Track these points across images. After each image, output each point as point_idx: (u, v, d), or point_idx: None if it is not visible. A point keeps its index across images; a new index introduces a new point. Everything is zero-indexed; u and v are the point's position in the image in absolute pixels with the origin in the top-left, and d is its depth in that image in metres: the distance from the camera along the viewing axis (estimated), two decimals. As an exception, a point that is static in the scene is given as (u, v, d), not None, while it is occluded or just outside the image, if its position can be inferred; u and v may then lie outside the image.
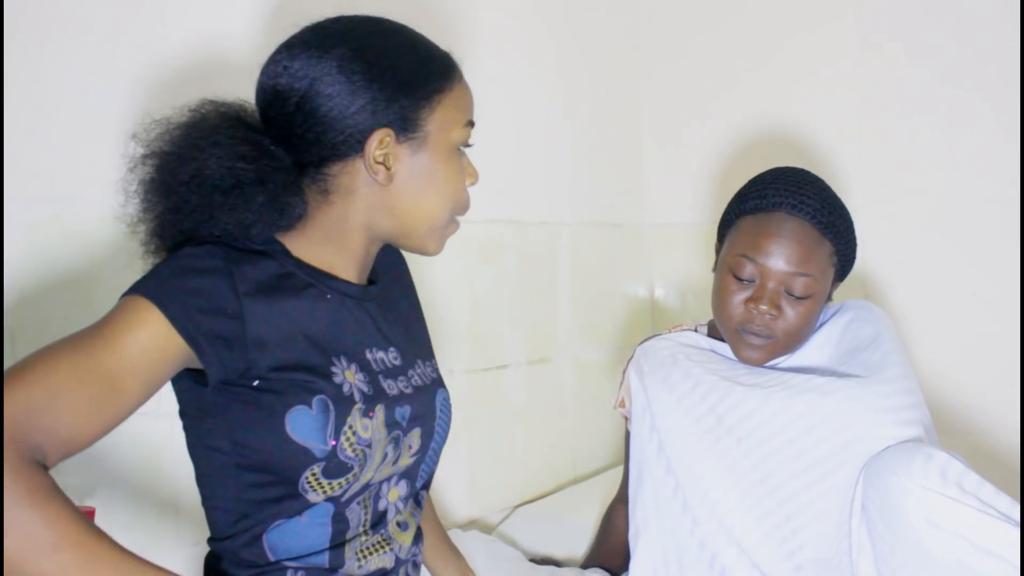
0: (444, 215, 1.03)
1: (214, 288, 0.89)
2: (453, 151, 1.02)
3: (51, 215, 1.24)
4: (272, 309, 0.93)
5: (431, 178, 1.00)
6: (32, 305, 1.21)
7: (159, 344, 0.86)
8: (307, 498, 0.94)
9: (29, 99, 1.22)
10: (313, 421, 0.93)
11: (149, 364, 0.85)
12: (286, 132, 0.96)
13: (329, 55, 0.94)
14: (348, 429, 0.94)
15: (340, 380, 0.96)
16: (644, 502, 1.41)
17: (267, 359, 0.91)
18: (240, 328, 0.90)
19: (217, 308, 0.89)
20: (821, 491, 1.27)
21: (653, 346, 1.49)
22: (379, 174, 0.97)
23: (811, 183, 1.35)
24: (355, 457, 0.95)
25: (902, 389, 1.30)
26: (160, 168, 0.94)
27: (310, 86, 0.94)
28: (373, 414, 0.97)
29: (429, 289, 1.76)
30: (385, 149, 0.96)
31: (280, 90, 0.95)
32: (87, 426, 0.83)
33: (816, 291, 1.32)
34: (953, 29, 1.91)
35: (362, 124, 0.95)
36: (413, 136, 0.98)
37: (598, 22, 2.27)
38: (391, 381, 1.03)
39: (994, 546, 1.10)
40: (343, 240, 1.01)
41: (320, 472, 0.93)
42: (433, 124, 0.99)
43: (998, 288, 1.86)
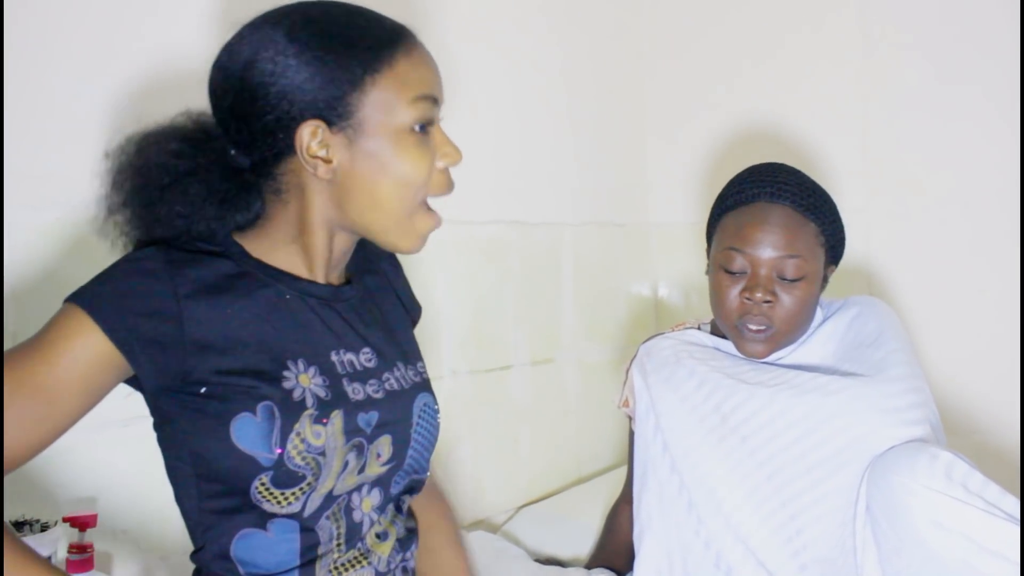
0: (404, 204, 0.93)
1: (149, 291, 0.87)
2: (404, 132, 0.92)
3: (53, 219, 1.24)
4: (216, 311, 0.90)
5: (378, 166, 0.91)
6: (34, 309, 1.22)
7: (94, 353, 0.85)
8: (263, 508, 0.90)
9: (30, 103, 1.22)
10: (257, 429, 0.88)
11: (85, 375, 0.85)
12: (228, 132, 0.93)
13: (257, 47, 0.90)
14: (296, 436, 0.89)
15: (291, 385, 0.92)
16: (648, 501, 1.41)
17: (209, 363, 0.88)
18: (178, 331, 0.87)
19: (152, 311, 0.86)
20: (825, 490, 1.26)
21: (656, 345, 1.49)
22: (318, 168, 0.91)
23: (786, 171, 1.37)
24: (305, 466, 0.90)
25: (907, 388, 1.30)
26: (115, 182, 0.94)
27: (239, 83, 0.90)
28: (327, 420, 0.92)
29: (432, 290, 1.76)
30: (321, 141, 0.90)
31: (216, 89, 0.93)
32: (23, 441, 0.83)
33: (808, 272, 1.32)
34: (955, 26, 1.91)
35: (286, 119, 0.89)
36: (347, 124, 0.90)
37: (600, 22, 2.26)
38: (357, 384, 0.97)
39: (999, 547, 1.10)
40: (304, 239, 0.96)
41: (269, 481, 0.89)
42: (369, 107, 0.90)
43: (1002, 286, 1.85)
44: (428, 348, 1.77)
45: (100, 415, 1.27)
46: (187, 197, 0.92)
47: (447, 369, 1.80)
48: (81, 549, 1.16)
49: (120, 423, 1.30)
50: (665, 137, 2.37)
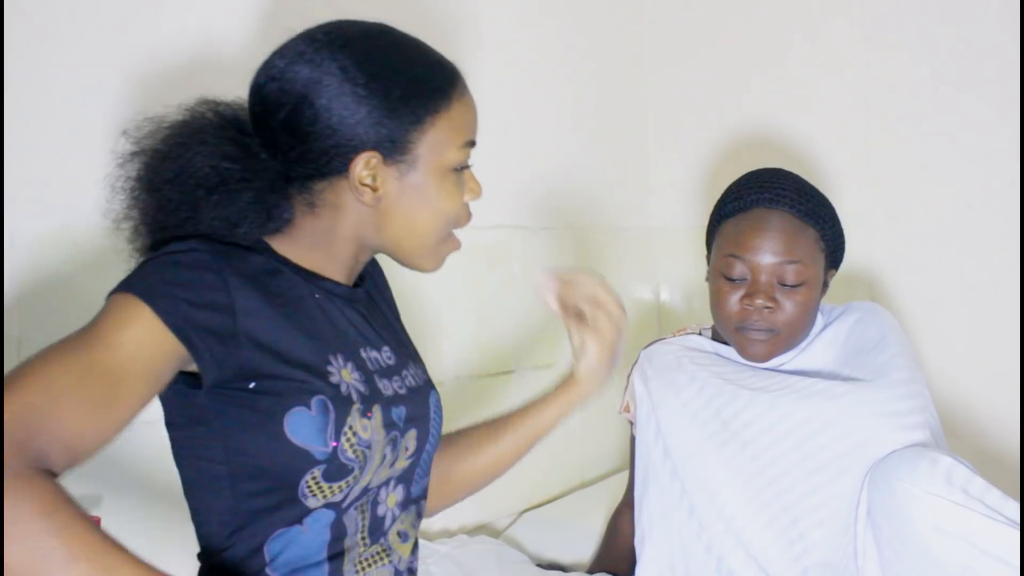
0: (437, 235, 1.00)
1: (202, 281, 0.86)
2: (448, 172, 0.97)
3: (56, 225, 1.24)
4: (263, 304, 0.90)
5: (422, 200, 0.96)
6: (38, 315, 1.22)
7: (153, 340, 0.82)
8: (306, 504, 0.91)
9: (32, 109, 1.22)
10: (313, 422, 0.89)
11: (147, 360, 0.82)
12: (273, 142, 0.93)
13: (320, 70, 0.91)
14: (348, 430, 0.91)
15: (337, 380, 0.93)
16: (650, 506, 1.41)
17: (261, 356, 0.89)
18: (232, 323, 0.87)
19: (207, 302, 0.86)
20: (827, 495, 1.26)
21: (657, 350, 1.49)
22: (365, 195, 0.94)
23: (784, 177, 1.37)
24: (355, 459, 0.92)
25: (908, 393, 1.30)
26: (147, 166, 0.92)
27: (299, 101, 0.91)
28: (371, 414, 0.95)
29: (435, 295, 1.77)
30: (372, 171, 0.93)
31: (268, 100, 0.93)
32: (92, 428, 0.78)
33: (808, 277, 1.33)
34: (956, 32, 1.91)
35: (346, 147, 0.92)
36: (401, 158, 0.94)
37: (603, 27, 2.27)
38: (386, 381, 1.00)
39: (1000, 551, 1.10)
40: (330, 248, 0.98)
41: (320, 475, 0.90)
42: (424, 147, 0.95)
43: (1002, 290, 1.86)
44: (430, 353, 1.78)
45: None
46: (236, 204, 0.91)
47: (449, 374, 1.80)
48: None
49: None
50: (667, 142, 2.37)
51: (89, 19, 1.28)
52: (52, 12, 1.24)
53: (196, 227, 0.91)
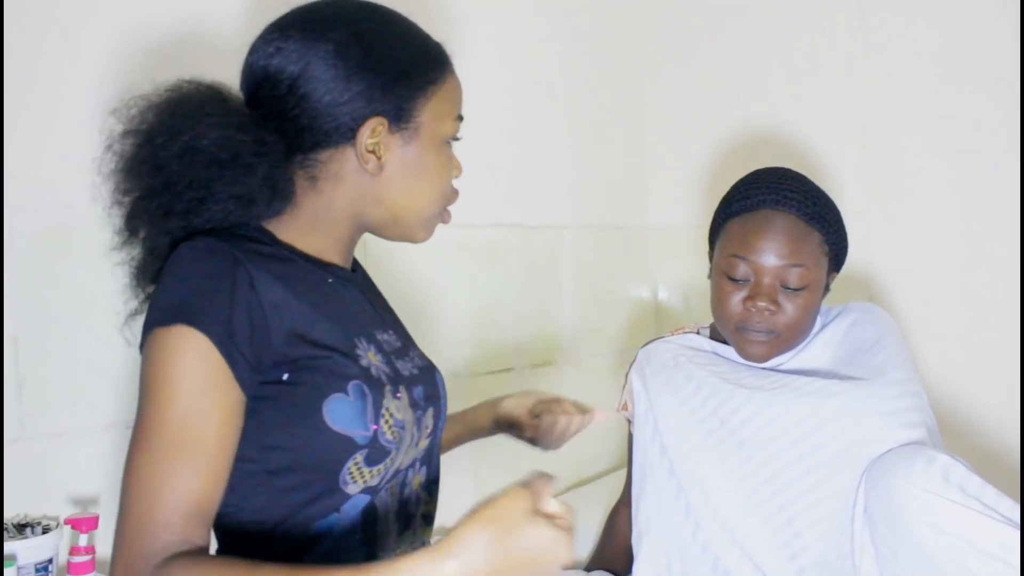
0: (434, 206, 1.01)
1: (233, 287, 0.86)
2: (443, 143, 1.01)
3: (54, 223, 1.24)
4: (288, 293, 0.90)
5: (422, 169, 0.98)
6: (36, 312, 1.22)
7: (215, 377, 0.84)
8: (346, 491, 0.91)
9: (28, 106, 1.22)
10: (352, 407, 0.90)
11: (218, 403, 0.84)
12: (276, 115, 0.92)
13: (325, 39, 0.92)
14: (386, 411, 0.93)
15: (366, 363, 0.94)
16: (647, 505, 1.41)
17: (294, 346, 0.88)
18: (264, 320, 0.86)
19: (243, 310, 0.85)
20: (823, 494, 1.27)
21: (655, 349, 1.49)
22: (369, 163, 0.95)
23: (792, 178, 1.36)
24: (393, 440, 0.93)
25: (905, 392, 1.30)
26: (146, 144, 0.90)
27: (304, 69, 0.91)
28: (400, 394, 0.96)
29: (433, 293, 1.77)
30: (376, 138, 0.94)
31: (272, 72, 0.92)
32: (201, 487, 0.82)
33: (811, 281, 1.33)
34: (954, 32, 1.91)
35: (356, 112, 0.93)
36: (406, 126, 0.96)
37: (600, 25, 2.27)
38: (402, 362, 1.01)
39: (997, 549, 1.10)
40: (330, 227, 0.98)
41: (363, 460, 0.91)
42: (426, 115, 0.97)
43: (1000, 290, 1.86)
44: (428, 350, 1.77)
45: (103, 417, 1.28)
46: (250, 179, 0.90)
47: (447, 371, 1.80)
48: (82, 551, 1.16)
49: (124, 425, 1.31)
50: (665, 140, 2.37)
51: (88, 18, 1.28)
52: (51, 11, 1.24)
53: (206, 209, 0.90)
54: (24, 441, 1.20)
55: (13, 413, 1.19)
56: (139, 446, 0.83)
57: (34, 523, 1.14)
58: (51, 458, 1.23)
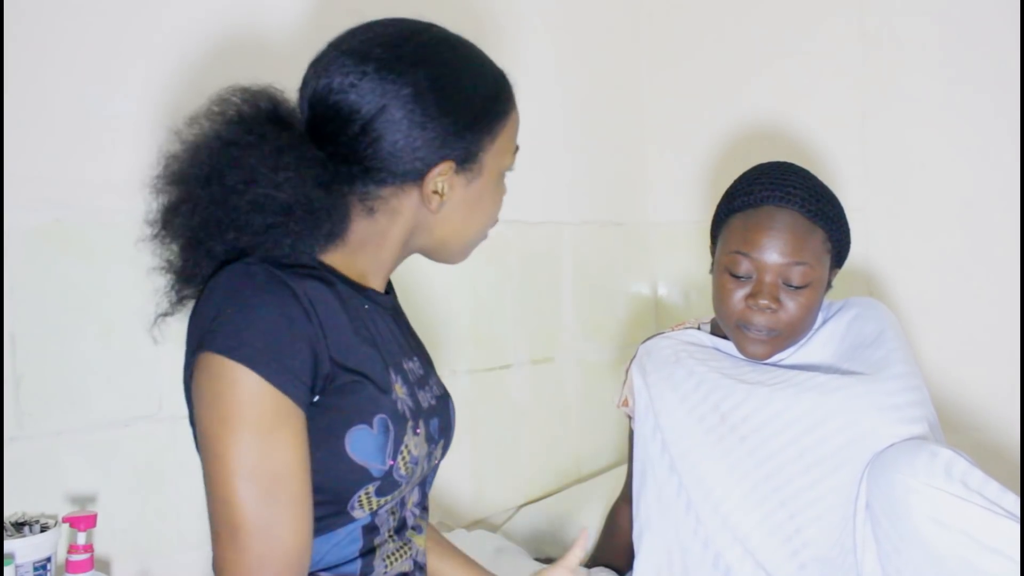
0: (482, 235, 1.05)
1: (291, 319, 0.86)
2: (500, 176, 1.02)
3: (51, 220, 1.24)
4: (334, 318, 0.90)
5: (479, 204, 1.00)
6: (33, 310, 1.22)
7: (292, 420, 0.85)
8: (352, 515, 0.92)
9: (29, 104, 1.22)
10: (374, 441, 0.90)
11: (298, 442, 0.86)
12: (345, 151, 0.91)
13: (404, 80, 0.91)
14: (404, 448, 0.93)
15: (395, 397, 0.94)
16: (648, 501, 1.41)
17: (336, 371, 0.89)
18: (317, 349, 0.87)
19: (300, 339, 0.86)
20: (825, 489, 1.26)
21: (656, 345, 1.49)
22: (432, 203, 0.95)
23: (795, 174, 1.35)
24: (406, 475, 0.94)
25: (906, 386, 1.30)
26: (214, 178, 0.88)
27: (380, 111, 0.90)
28: (419, 430, 0.96)
29: (432, 290, 1.76)
30: (443, 179, 0.95)
31: (344, 108, 0.91)
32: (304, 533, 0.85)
33: (814, 279, 1.32)
34: (954, 27, 1.91)
35: (428, 157, 0.93)
36: (471, 167, 0.97)
37: (600, 21, 2.26)
38: (423, 392, 1.01)
39: (999, 544, 1.10)
40: (378, 252, 0.99)
41: (374, 491, 0.92)
42: (491, 154, 0.98)
43: (1000, 285, 1.85)
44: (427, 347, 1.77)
45: (100, 415, 1.28)
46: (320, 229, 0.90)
47: (446, 368, 1.80)
48: (81, 550, 1.16)
49: (121, 423, 1.30)
50: (664, 136, 2.37)
51: (86, 17, 1.27)
52: (49, 9, 1.24)
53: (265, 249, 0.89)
54: (22, 440, 1.20)
55: (11, 412, 1.18)
56: (237, 484, 0.83)
57: (32, 521, 1.14)
58: (49, 456, 1.23)
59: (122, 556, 1.30)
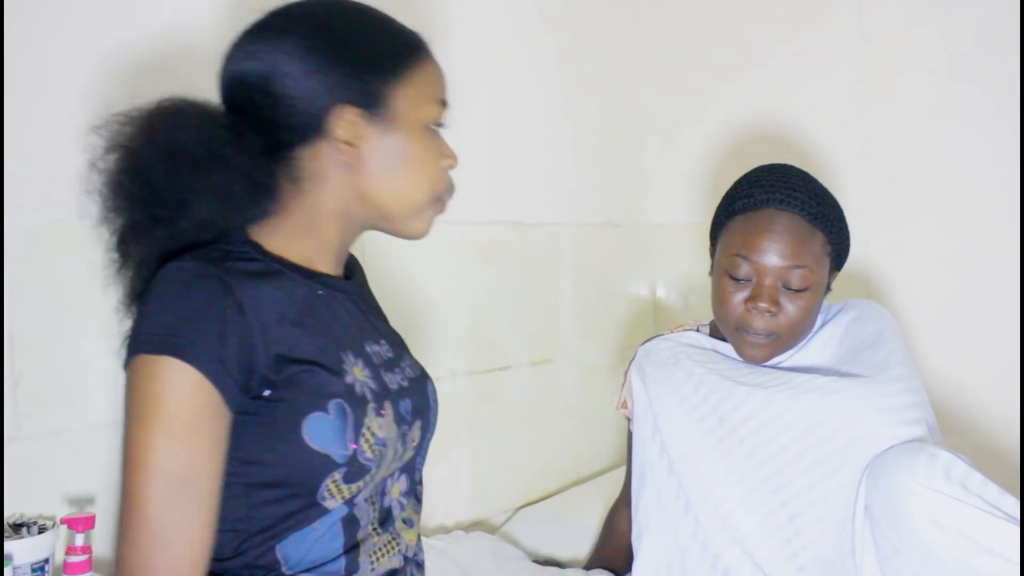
0: (424, 196, 0.99)
1: (219, 309, 0.85)
2: (426, 129, 0.98)
3: (50, 220, 1.24)
4: (273, 310, 0.89)
5: (405, 158, 0.96)
6: (31, 311, 1.21)
7: (207, 404, 0.85)
8: (324, 505, 0.91)
9: (24, 104, 1.21)
10: (331, 426, 0.90)
11: (212, 432, 0.85)
12: (253, 117, 0.93)
13: (291, 34, 0.93)
14: (367, 431, 0.92)
15: (351, 380, 0.93)
16: (647, 503, 1.41)
17: (278, 364, 0.88)
18: (250, 340, 0.86)
19: (229, 330, 0.85)
20: (824, 491, 1.26)
21: (655, 347, 1.49)
22: (346, 154, 0.94)
23: (796, 176, 1.35)
24: (373, 458, 0.93)
25: (905, 388, 1.30)
26: (127, 156, 0.90)
27: (271, 67, 0.92)
28: (384, 411, 0.95)
29: (430, 291, 1.76)
30: (353, 128, 0.93)
31: (243, 74, 0.94)
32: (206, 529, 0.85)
33: (813, 282, 1.32)
34: (954, 27, 1.91)
35: (325, 102, 0.92)
36: (381, 113, 0.94)
37: (598, 22, 2.26)
38: (391, 375, 1.00)
39: (999, 546, 1.10)
40: (318, 230, 0.97)
41: (341, 478, 0.91)
42: (402, 101, 0.95)
43: (1000, 286, 1.85)
44: (426, 349, 1.77)
45: (99, 416, 1.28)
46: (233, 180, 0.90)
47: (445, 370, 1.80)
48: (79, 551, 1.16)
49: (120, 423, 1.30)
50: (663, 137, 2.37)
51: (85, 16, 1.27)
52: (48, 9, 1.24)
53: (190, 212, 0.89)
54: (20, 440, 1.19)
55: (9, 412, 1.18)
56: (142, 480, 0.84)
57: (30, 523, 1.14)
58: (47, 457, 1.23)
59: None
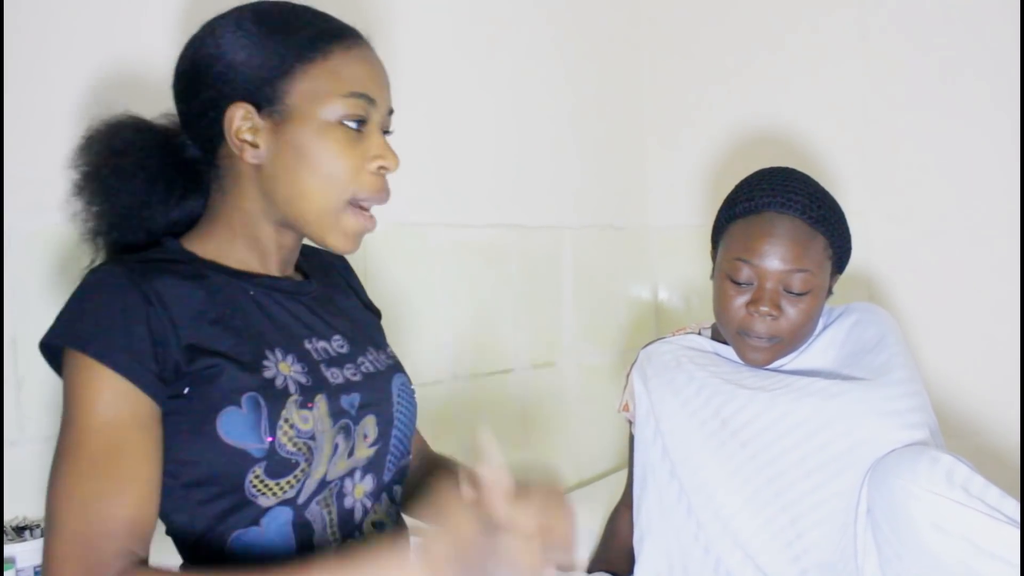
0: (329, 199, 0.94)
1: (128, 308, 0.87)
2: (331, 126, 0.93)
3: (52, 223, 1.24)
4: (190, 308, 0.91)
5: (303, 156, 0.92)
6: (34, 313, 1.21)
7: (123, 398, 0.86)
8: (258, 503, 0.90)
9: (25, 107, 1.22)
10: (244, 420, 0.88)
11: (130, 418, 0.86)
12: (184, 121, 0.98)
13: (198, 39, 0.96)
14: (284, 423, 0.90)
15: (272, 373, 0.92)
16: (648, 506, 1.41)
17: (195, 361, 0.89)
18: (164, 336, 0.88)
19: (139, 327, 0.87)
20: (826, 494, 1.26)
21: (656, 350, 1.49)
22: (244, 151, 0.93)
23: (797, 180, 1.35)
24: (297, 452, 0.90)
25: (907, 392, 1.30)
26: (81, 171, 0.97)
27: (189, 67, 0.96)
28: (313, 405, 0.93)
29: (432, 294, 1.76)
30: (249, 122, 0.93)
31: (176, 76, 0.98)
32: (134, 504, 0.84)
33: (814, 286, 1.32)
34: (955, 30, 1.91)
35: (218, 98, 0.93)
36: (274, 109, 0.92)
37: (599, 24, 2.27)
38: (335, 369, 0.98)
39: (1000, 550, 1.10)
40: (248, 232, 0.98)
41: (263, 473, 0.89)
42: (298, 96, 0.92)
43: (1001, 289, 1.85)
44: (427, 351, 1.77)
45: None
46: (134, 185, 0.96)
47: (447, 372, 1.80)
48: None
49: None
50: (665, 140, 2.37)
51: (86, 18, 1.28)
52: (50, 10, 1.24)
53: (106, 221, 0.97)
54: (23, 443, 1.19)
55: (12, 415, 1.18)
56: (60, 462, 0.85)
57: (33, 526, 1.14)
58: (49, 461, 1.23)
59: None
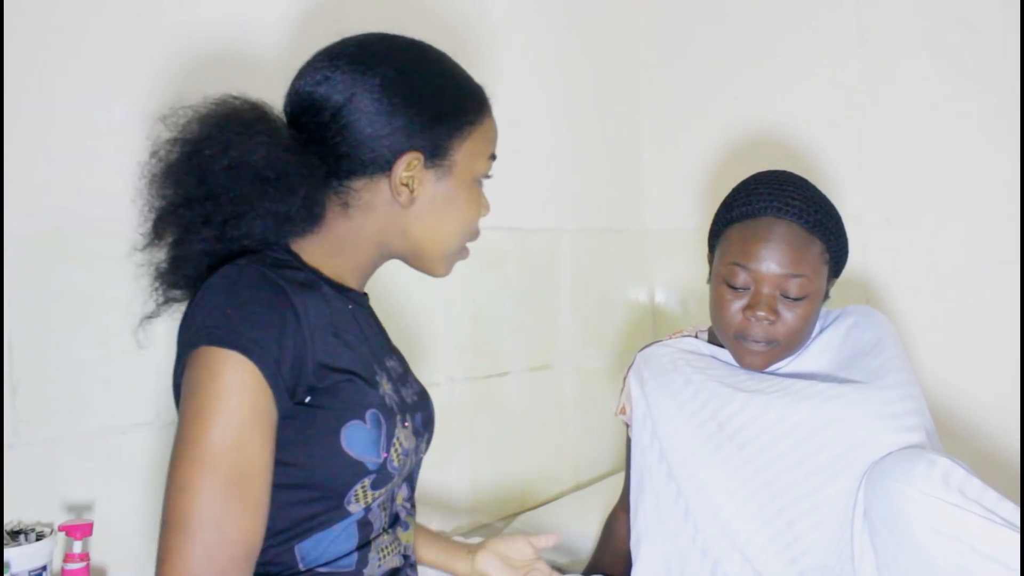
0: (458, 243, 1.06)
1: (281, 313, 0.89)
2: (475, 182, 1.05)
3: (50, 227, 1.24)
4: (319, 319, 0.93)
5: (451, 206, 1.02)
6: (31, 317, 1.21)
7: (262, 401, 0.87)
8: (348, 509, 0.96)
9: (28, 111, 1.22)
10: (368, 435, 0.94)
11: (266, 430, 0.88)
12: (318, 140, 0.96)
13: (372, 72, 0.96)
14: (396, 441, 0.97)
15: (383, 391, 0.98)
16: (645, 509, 1.41)
17: (322, 372, 0.92)
18: (303, 347, 0.90)
19: (289, 332, 0.89)
20: (823, 497, 1.26)
21: (653, 353, 1.49)
22: (402, 195, 0.99)
23: (794, 184, 1.35)
24: (398, 467, 0.98)
25: (904, 395, 1.30)
26: (193, 153, 0.92)
27: (349, 100, 0.96)
28: (407, 423, 1.00)
29: (430, 297, 1.76)
30: (411, 172, 0.98)
31: (317, 98, 0.97)
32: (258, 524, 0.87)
33: (811, 291, 1.32)
34: (952, 31, 1.91)
35: (395, 145, 0.97)
36: (440, 163, 1.00)
37: (598, 28, 2.27)
38: (405, 389, 1.05)
39: (997, 552, 1.10)
40: (354, 252, 1.02)
41: (369, 484, 0.96)
42: (461, 154, 1.01)
43: (999, 291, 1.86)
44: (426, 355, 1.77)
45: (97, 423, 1.28)
46: (292, 200, 0.93)
47: (444, 376, 1.80)
48: (77, 558, 1.16)
49: (119, 431, 1.30)
50: (662, 143, 2.37)
51: (86, 19, 1.27)
52: (50, 13, 1.24)
53: (244, 223, 0.93)
54: (19, 447, 1.19)
55: (8, 419, 1.18)
56: (199, 472, 0.85)
57: (28, 530, 1.14)
58: (46, 464, 1.23)
59: (118, 565, 1.29)
